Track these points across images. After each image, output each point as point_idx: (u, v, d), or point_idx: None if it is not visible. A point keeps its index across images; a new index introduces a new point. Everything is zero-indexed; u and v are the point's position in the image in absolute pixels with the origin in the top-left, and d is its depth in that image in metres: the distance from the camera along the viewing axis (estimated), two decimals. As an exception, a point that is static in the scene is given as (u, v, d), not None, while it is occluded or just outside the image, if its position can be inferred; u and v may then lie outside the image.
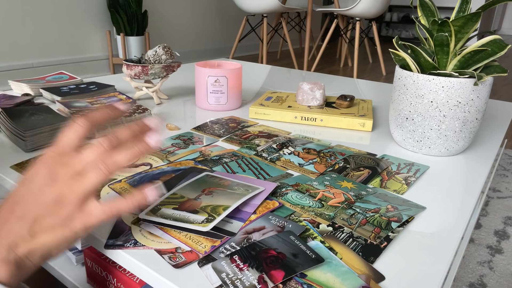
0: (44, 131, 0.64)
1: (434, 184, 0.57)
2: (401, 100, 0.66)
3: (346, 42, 3.41)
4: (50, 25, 2.44)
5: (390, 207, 0.49)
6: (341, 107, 0.84)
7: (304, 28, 4.44)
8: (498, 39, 0.59)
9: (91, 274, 0.55)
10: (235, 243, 0.41)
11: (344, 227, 0.45)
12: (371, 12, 2.75)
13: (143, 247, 0.40)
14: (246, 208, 0.46)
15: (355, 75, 2.84)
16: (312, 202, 0.50)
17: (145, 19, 2.75)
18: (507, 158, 1.53)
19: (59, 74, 1.06)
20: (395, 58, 0.68)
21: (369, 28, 3.44)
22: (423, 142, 0.66)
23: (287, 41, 3.14)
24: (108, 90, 0.94)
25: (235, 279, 0.35)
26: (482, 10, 0.58)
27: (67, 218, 0.35)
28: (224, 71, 0.85)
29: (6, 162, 0.59)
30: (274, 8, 2.87)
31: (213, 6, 3.56)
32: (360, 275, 0.37)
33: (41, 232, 0.35)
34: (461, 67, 0.62)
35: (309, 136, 0.73)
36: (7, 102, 0.81)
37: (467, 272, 0.88)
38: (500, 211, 1.15)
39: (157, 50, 0.90)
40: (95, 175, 0.36)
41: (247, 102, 0.96)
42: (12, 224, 0.35)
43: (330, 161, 0.62)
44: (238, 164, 0.60)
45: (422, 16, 0.66)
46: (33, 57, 2.42)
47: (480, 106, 0.63)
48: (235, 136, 0.72)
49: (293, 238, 0.41)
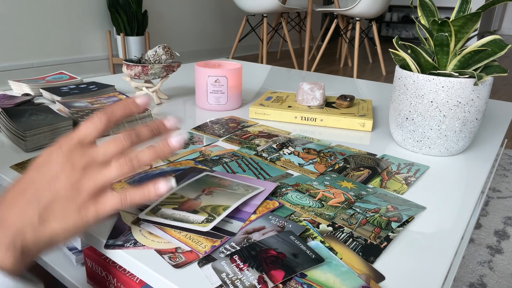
0: (44, 131, 0.64)
1: (434, 184, 0.57)
2: (401, 100, 0.66)
3: (346, 42, 3.42)
4: (50, 25, 2.44)
5: (390, 207, 0.49)
6: (341, 107, 0.84)
7: (304, 28, 4.44)
8: (498, 39, 0.59)
9: (91, 274, 0.55)
10: (235, 243, 0.41)
11: (344, 227, 0.45)
12: (371, 12, 2.75)
13: (143, 247, 0.40)
14: (246, 208, 0.46)
15: (355, 75, 2.84)
16: (312, 202, 0.50)
17: (145, 19, 2.75)
18: (507, 158, 1.53)
19: (59, 74, 1.06)
20: (395, 58, 0.68)
21: (369, 28, 3.44)
22: (423, 142, 0.66)
23: (287, 41, 3.14)
24: (108, 90, 0.94)
25: (235, 279, 0.35)
26: (482, 10, 0.58)
27: (81, 206, 0.35)
28: (224, 71, 0.85)
29: (6, 162, 0.59)
30: (274, 8, 2.87)
31: (213, 6, 3.56)
32: (360, 275, 0.37)
33: (52, 218, 0.35)
34: (461, 67, 0.62)
35: (309, 136, 0.73)
36: (7, 102, 0.81)
37: (467, 272, 0.88)
38: (500, 211, 1.15)
39: (157, 50, 0.90)
40: (117, 168, 0.36)
41: (247, 102, 0.96)
42: (21, 209, 0.34)
43: (330, 161, 0.62)
44: (238, 164, 0.60)
45: (422, 16, 0.66)
46: (33, 57, 2.42)
47: (480, 106, 0.63)
48: (235, 136, 0.72)
49: (293, 238, 0.41)
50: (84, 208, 0.35)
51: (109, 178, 0.36)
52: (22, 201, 0.35)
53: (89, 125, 0.37)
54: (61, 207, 0.35)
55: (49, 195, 0.35)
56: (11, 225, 0.34)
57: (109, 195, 0.36)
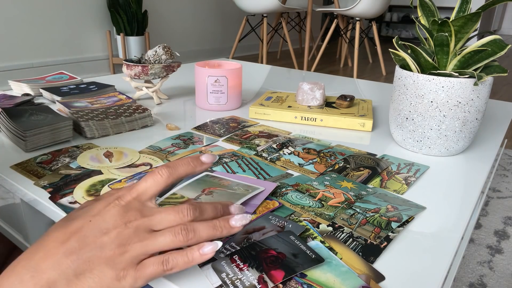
0: (44, 131, 0.64)
1: (434, 184, 0.57)
2: (401, 100, 0.66)
3: (346, 42, 3.42)
4: (50, 25, 2.44)
5: (390, 207, 0.49)
6: (341, 107, 0.84)
7: (304, 28, 4.44)
8: (498, 39, 0.59)
9: (91, 274, 0.55)
10: (235, 243, 0.41)
11: (344, 227, 0.45)
12: (371, 12, 2.75)
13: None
14: (246, 208, 0.46)
15: (355, 75, 2.84)
16: (312, 202, 0.50)
17: (145, 19, 2.75)
18: (507, 158, 1.53)
19: (59, 74, 1.06)
20: (395, 58, 0.68)
21: (369, 28, 3.44)
22: (423, 142, 0.66)
23: (287, 41, 3.14)
24: (108, 90, 0.94)
25: (235, 279, 0.35)
26: (482, 10, 0.58)
27: (122, 269, 0.32)
28: (224, 71, 0.85)
29: (6, 162, 0.59)
30: (274, 8, 2.88)
31: (213, 6, 3.56)
32: (360, 275, 0.37)
33: (88, 275, 0.31)
34: (461, 67, 0.62)
35: (309, 136, 0.73)
36: (7, 102, 0.81)
37: (467, 272, 0.88)
38: (500, 211, 1.15)
39: (157, 50, 0.90)
40: (170, 238, 0.33)
41: (247, 102, 0.96)
42: (60, 258, 0.31)
43: (330, 161, 0.62)
44: (238, 164, 0.60)
45: (422, 16, 0.66)
46: (33, 57, 2.42)
47: (480, 106, 0.63)
48: (235, 136, 0.72)
49: (293, 238, 0.41)
50: (123, 271, 0.32)
51: (159, 247, 0.33)
52: (62, 251, 0.32)
53: (150, 180, 0.36)
54: (100, 265, 0.32)
55: (92, 249, 0.32)
56: (44, 276, 0.31)
57: (151, 261, 0.33)
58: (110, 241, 0.32)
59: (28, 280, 0.30)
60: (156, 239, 0.33)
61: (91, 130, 0.69)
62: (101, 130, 0.70)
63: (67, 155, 0.61)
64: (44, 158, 0.60)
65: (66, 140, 0.67)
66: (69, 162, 0.59)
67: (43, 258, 0.31)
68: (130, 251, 0.32)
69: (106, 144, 0.67)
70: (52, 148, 0.64)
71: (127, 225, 0.33)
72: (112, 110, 0.75)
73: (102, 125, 0.70)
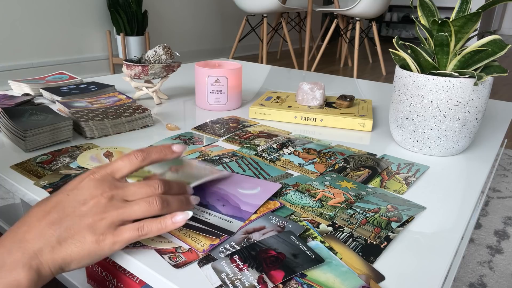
0: (44, 131, 0.64)
1: (434, 184, 0.57)
2: (401, 100, 0.66)
3: (346, 42, 3.42)
4: (50, 25, 2.44)
5: (390, 207, 0.49)
6: (341, 107, 0.84)
7: (304, 28, 4.44)
8: (498, 39, 0.59)
9: (91, 274, 0.55)
10: (235, 243, 0.41)
11: (344, 227, 0.45)
12: (371, 12, 2.75)
13: (143, 247, 0.40)
14: (247, 207, 0.46)
15: (355, 75, 2.84)
16: (312, 202, 0.50)
17: (145, 19, 2.74)
18: (507, 158, 1.53)
19: (59, 74, 1.06)
20: (395, 58, 0.68)
21: (369, 28, 3.44)
22: (423, 142, 0.66)
23: (287, 41, 3.14)
24: (108, 90, 0.94)
25: (235, 279, 0.35)
26: (482, 10, 0.58)
27: (100, 233, 0.36)
28: (224, 71, 0.85)
29: (6, 162, 0.59)
30: (274, 8, 2.87)
31: (213, 6, 3.56)
32: (360, 275, 0.37)
33: (70, 240, 0.35)
34: (461, 67, 0.62)
35: (309, 136, 0.73)
36: (7, 102, 0.81)
37: (467, 272, 0.88)
38: (500, 211, 1.15)
39: (157, 50, 0.90)
40: (146, 208, 0.37)
41: (247, 102, 0.96)
42: (42, 229, 0.35)
43: (330, 161, 0.62)
44: (238, 164, 0.60)
45: (422, 16, 0.66)
46: (33, 57, 2.42)
47: (480, 106, 0.63)
48: (235, 136, 0.72)
49: (293, 238, 0.41)
50: (102, 236, 0.36)
51: (134, 215, 0.37)
52: (44, 223, 0.35)
53: (126, 160, 0.39)
54: (81, 231, 0.35)
55: (72, 218, 0.36)
56: (30, 245, 0.34)
57: (127, 227, 0.37)
58: (88, 210, 0.36)
59: (17, 250, 0.34)
60: (132, 207, 0.37)
61: (91, 130, 0.69)
62: (101, 130, 0.70)
63: (67, 155, 0.61)
64: (44, 158, 0.60)
65: (66, 140, 0.67)
66: (69, 162, 0.59)
67: (27, 231, 0.35)
68: (107, 218, 0.36)
69: (106, 144, 0.67)
70: (52, 148, 0.64)
71: (103, 195, 0.37)
72: (112, 110, 0.75)
73: (102, 125, 0.70)
